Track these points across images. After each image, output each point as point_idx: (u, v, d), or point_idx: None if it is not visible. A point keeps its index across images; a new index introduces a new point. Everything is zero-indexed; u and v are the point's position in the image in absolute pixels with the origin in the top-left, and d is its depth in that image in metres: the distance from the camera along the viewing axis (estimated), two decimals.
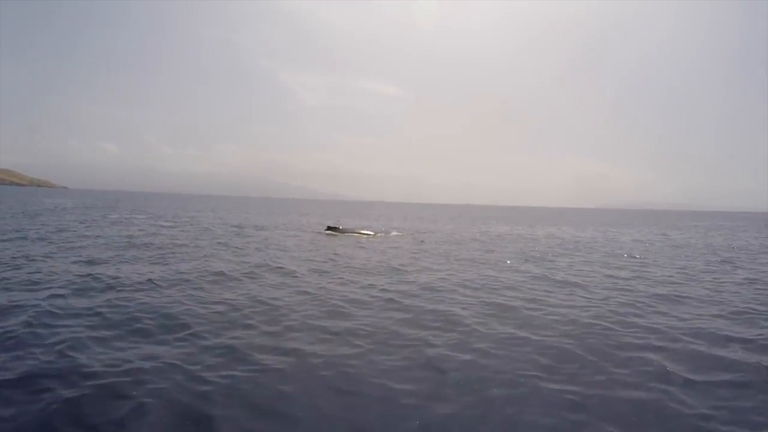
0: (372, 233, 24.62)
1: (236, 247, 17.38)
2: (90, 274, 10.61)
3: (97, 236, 19.38)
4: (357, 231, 24.97)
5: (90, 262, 12.50)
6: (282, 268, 12.83)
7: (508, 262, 16.00)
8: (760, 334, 7.41)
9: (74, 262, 12.40)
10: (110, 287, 9.40)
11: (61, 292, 8.79)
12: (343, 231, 24.35)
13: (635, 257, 18.55)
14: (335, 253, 16.71)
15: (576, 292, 10.67)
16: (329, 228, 24.63)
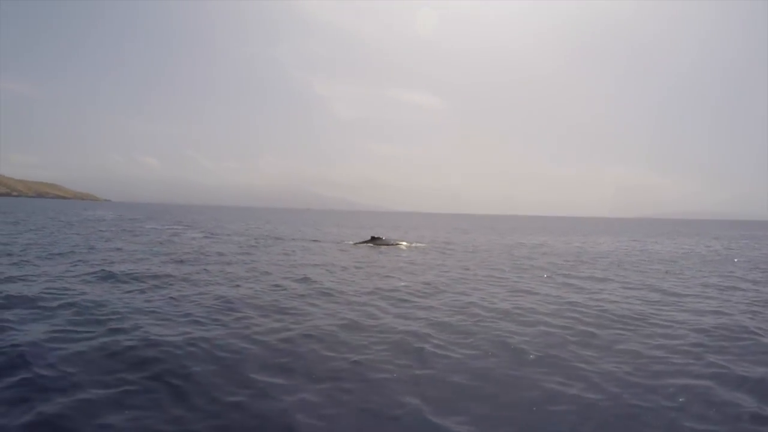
0: (407, 244, 25.37)
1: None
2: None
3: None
4: (396, 242, 25.85)
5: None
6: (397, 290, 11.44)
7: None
8: None
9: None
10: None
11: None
12: (386, 242, 25.09)
13: (657, 269, 17.91)
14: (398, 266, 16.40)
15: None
16: (373, 238, 25.43)
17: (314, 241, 27.79)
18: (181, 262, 15.53)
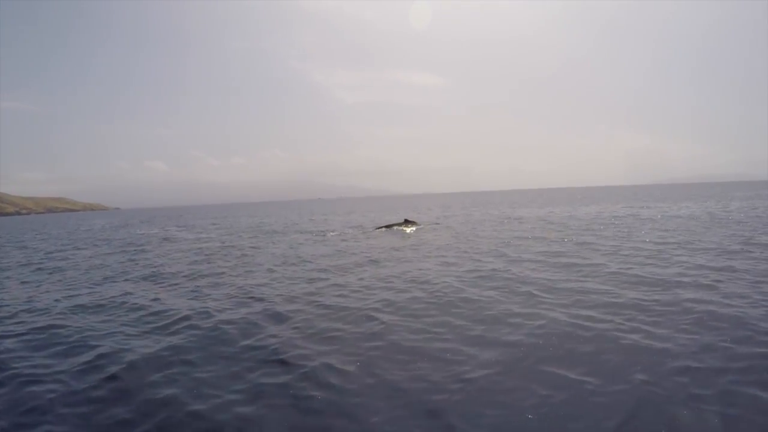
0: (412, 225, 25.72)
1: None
2: None
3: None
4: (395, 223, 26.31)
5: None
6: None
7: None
8: None
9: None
10: None
11: None
12: (411, 223, 25.64)
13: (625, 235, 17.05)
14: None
15: None
16: (406, 221, 25.94)
17: (349, 228, 27.72)
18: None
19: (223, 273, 12.49)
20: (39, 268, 15.72)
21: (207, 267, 13.85)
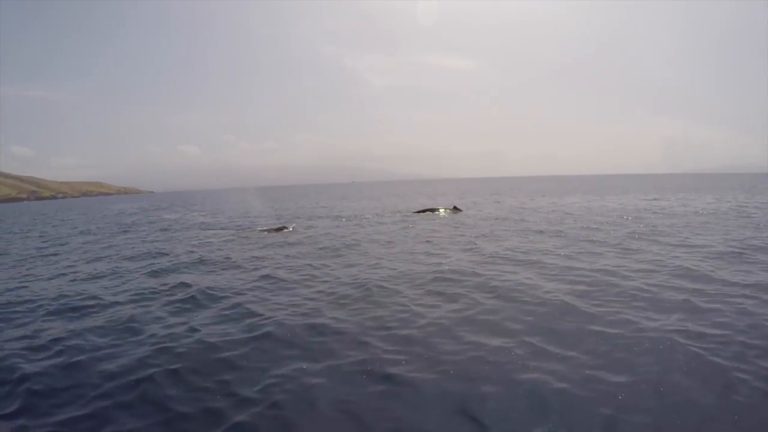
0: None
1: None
2: None
3: None
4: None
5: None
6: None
7: None
8: None
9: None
10: None
11: None
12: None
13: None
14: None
15: None
16: (455, 207, 24.97)
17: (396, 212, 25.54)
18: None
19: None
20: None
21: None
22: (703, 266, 8.50)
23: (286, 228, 17.59)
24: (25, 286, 9.29)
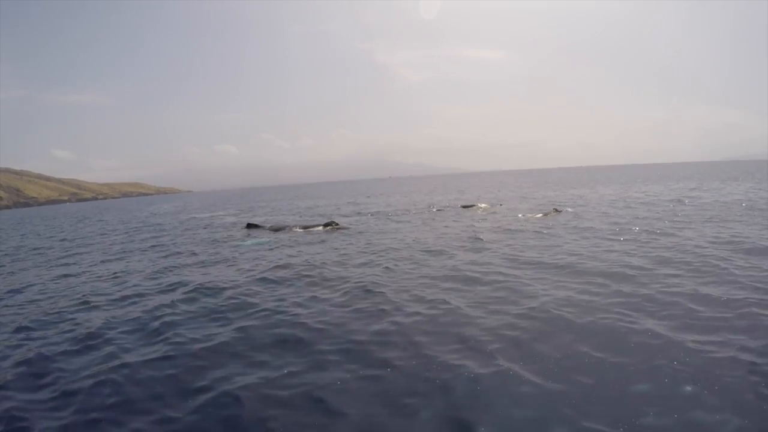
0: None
1: None
2: None
3: None
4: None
5: None
6: None
7: None
8: None
9: None
10: None
11: None
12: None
13: None
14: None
15: None
16: (555, 209, 22.96)
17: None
18: None
19: None
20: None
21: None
22: None
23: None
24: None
